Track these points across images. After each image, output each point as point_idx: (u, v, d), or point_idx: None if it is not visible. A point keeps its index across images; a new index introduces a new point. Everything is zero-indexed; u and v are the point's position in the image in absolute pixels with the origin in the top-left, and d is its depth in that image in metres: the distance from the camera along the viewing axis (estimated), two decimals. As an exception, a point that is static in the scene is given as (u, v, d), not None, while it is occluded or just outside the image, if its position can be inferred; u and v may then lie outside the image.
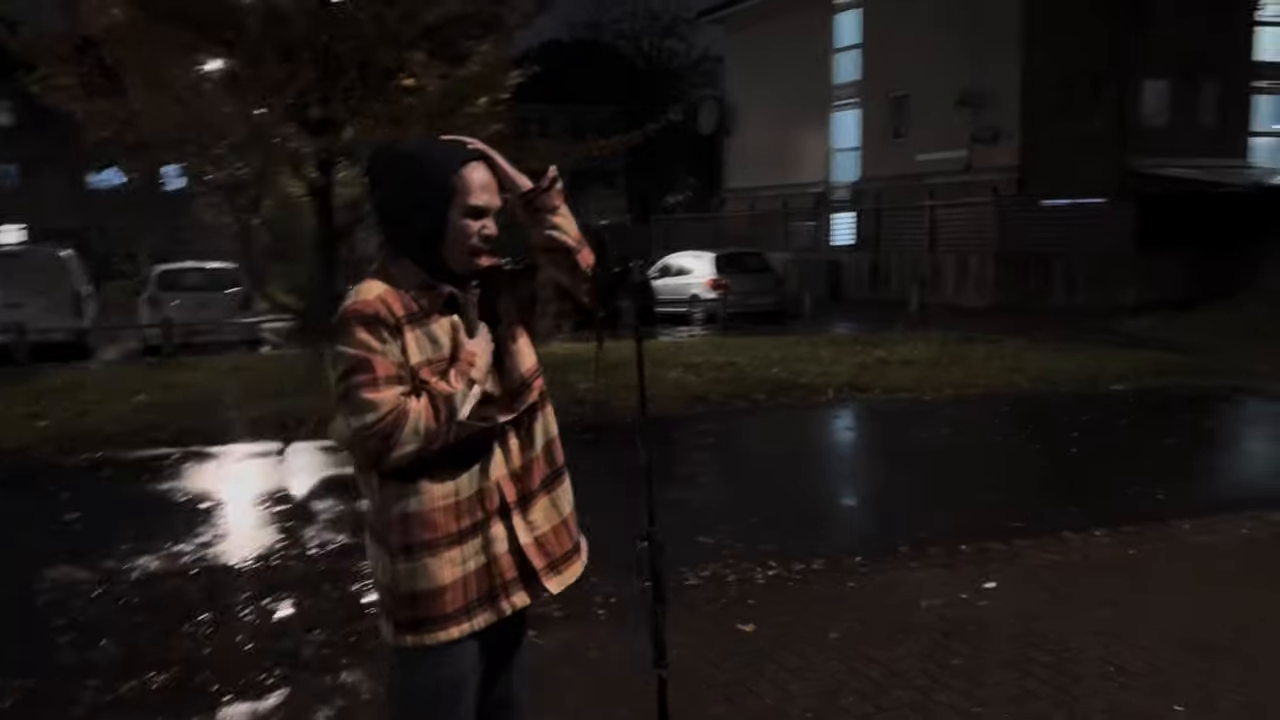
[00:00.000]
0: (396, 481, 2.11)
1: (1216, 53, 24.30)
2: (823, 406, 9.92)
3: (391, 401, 2.01)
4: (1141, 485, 6.93)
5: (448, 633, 2.13)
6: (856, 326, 18.09)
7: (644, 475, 2.42)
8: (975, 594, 4.73)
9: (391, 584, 2.14)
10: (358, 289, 2.11)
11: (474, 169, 2.14)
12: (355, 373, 2.02)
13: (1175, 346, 13.61)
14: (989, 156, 23.88)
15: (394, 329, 2.06)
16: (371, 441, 2.01)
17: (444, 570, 2.12)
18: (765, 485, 7.30)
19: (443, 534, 2.12)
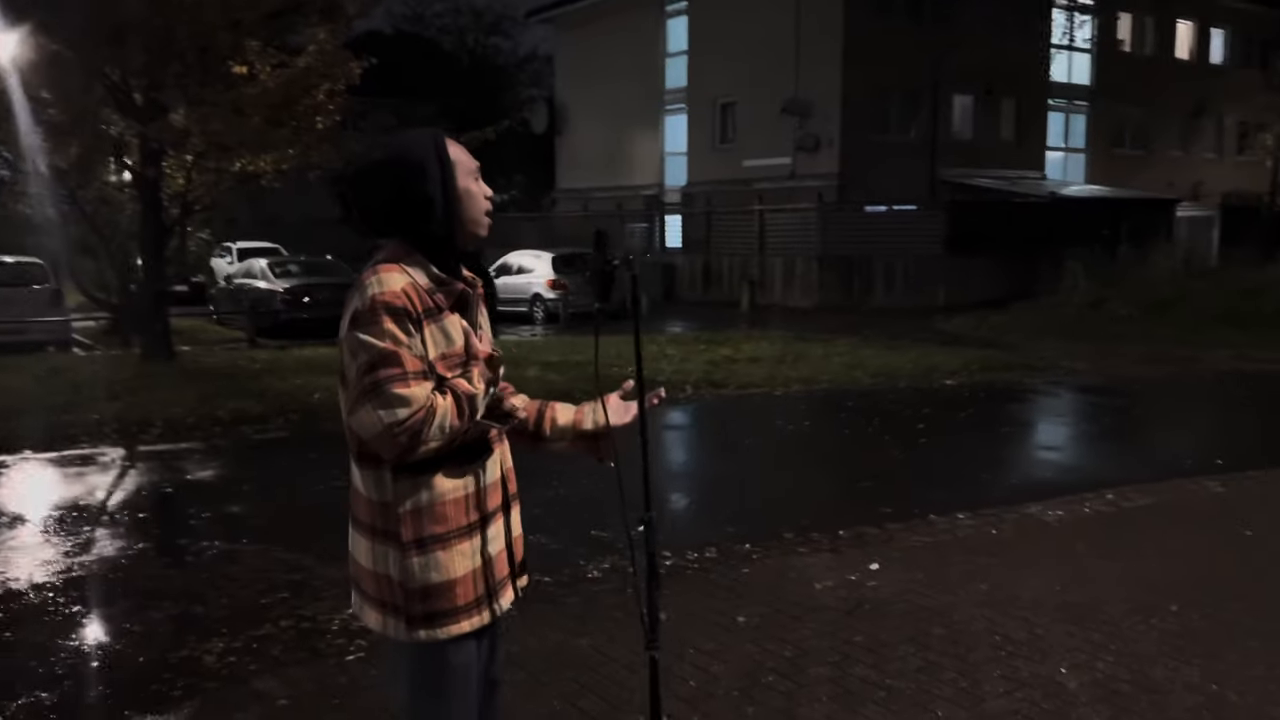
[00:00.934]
0: (409, 476, 2.10)
1: (1015, 72, 26.22)
2: (683, 402, 10.16)
3: (423, 397, 2.00)
4: (990, 471, 7.49)
5: (459, 626, 2.15)
6: (694, 326, 18.53)
7: (642, 460, 2.47)
8: (863, 575, 5.01)
9: (404, 578, 2.12)
10: (379, 278, 2.06)
11: (452, 141, 2.19)
12: (385, 365, 2.00)
13: (994, 344, 14.65)
14: (812, 164, 24.92)
15: (416, 322, 2.05)
16: (403, 437, 2.00)
17: (455, 563, 2.14)
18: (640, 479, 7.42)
19: (454, 527, 2.14)
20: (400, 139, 2.20)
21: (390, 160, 2.17)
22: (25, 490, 6.96)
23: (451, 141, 2.18)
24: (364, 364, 2.01)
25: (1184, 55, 32.17)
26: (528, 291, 20.72)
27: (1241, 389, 11.24)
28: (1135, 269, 18.04)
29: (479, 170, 2.21)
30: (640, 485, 2.45)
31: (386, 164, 2.17)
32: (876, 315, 19.68)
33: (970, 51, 24.48)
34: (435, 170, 2.13)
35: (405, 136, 2.21)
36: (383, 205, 2.17)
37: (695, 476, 7.89)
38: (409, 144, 2.17)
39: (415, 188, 2.13)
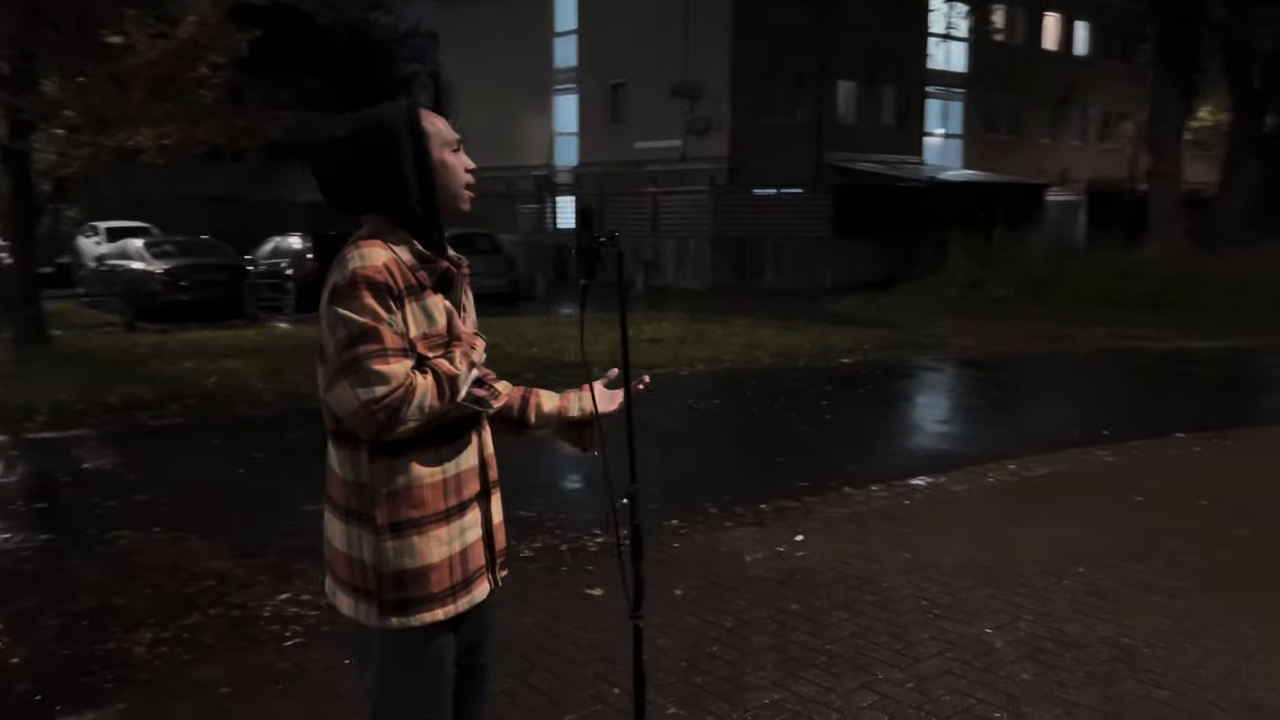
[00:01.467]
0: (387, 457, 2.04)
1: (897, 60, 26.99)
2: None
3: (402, 375, 1.95)
4: (895, 444, 7.76)
5: (433, 614, 2.10)
6: (589, 308, 18.49)
7: (628, 434, 2.50)
8: (790, 546, 5.15)
9: (377, 563, 2.06)
10: (362, 252, 2.00)
11: (428, 114, 2.15)
12: (364, 341, 1.94)
13: (883, 323, 15.11)
14: (703, 146, 25.17)
15: (397, 299, 2.00)
16: (381, 414, 1.94)
17: (431, 549, 2.09)
18: (559, 459, 7.44)
19: (431, 512, 2.09)
20: (371, 112, 2.14)
21: (359, 133, 2.11)
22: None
23: (428, 113, 2.14)
24: (342, 339, 1.96)
25: (1052, 46, 33.64)
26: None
27: (1118, 364, 11.89)
28: (1012, 250, 18.81)
29: (459, 142, 2.17)
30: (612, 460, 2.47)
31: (356, 137, 2.11)
32: (768, 296, 20.05)
33: (854, 38, 25.08)
34: (408, 143, 2.08)
35: (377, 109, 2.15)
36: (356, 181, 2.12)
37: (612, 457, 7.92)
38: (380, 116, 2.11)
39: (388, 161, 2.08)
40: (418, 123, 2.10)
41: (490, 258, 20.94)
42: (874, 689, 3.62)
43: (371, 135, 2.10)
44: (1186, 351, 12.84)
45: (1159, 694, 3.57)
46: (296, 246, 19.38)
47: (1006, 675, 3.72)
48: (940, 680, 3.68)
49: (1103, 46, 34.82)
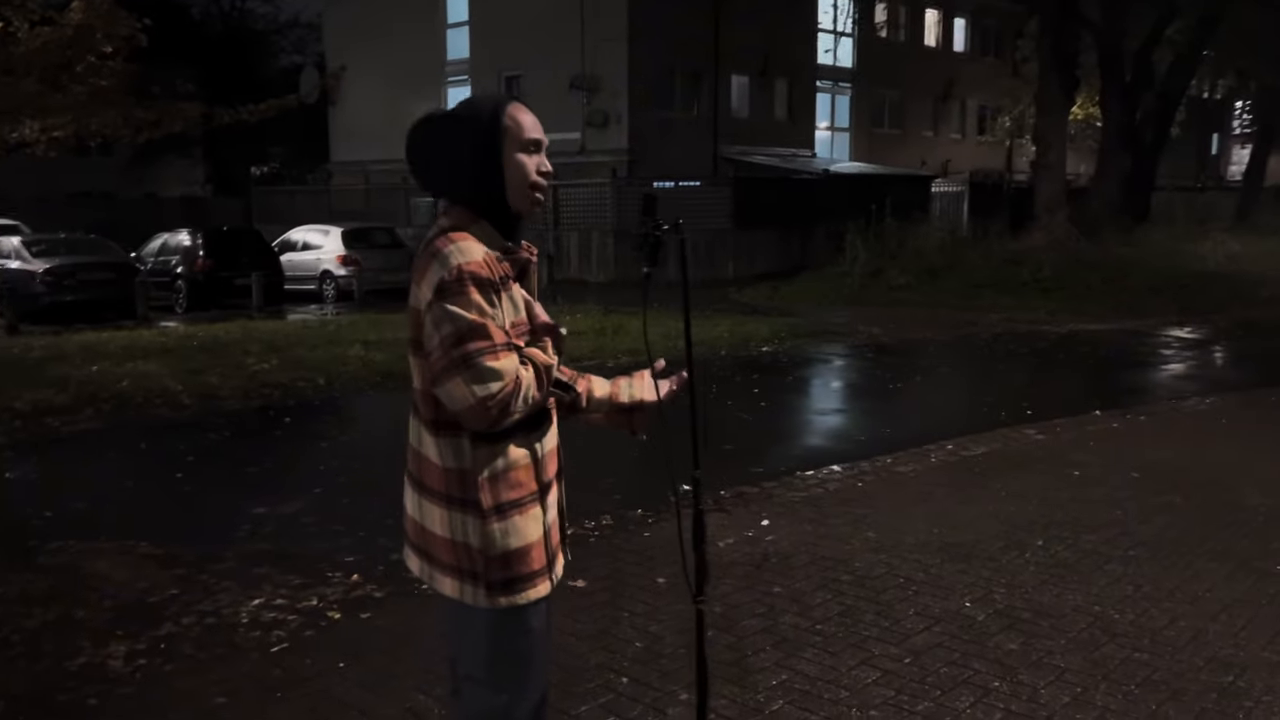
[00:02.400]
0: (487, 443, 2.09)
1: (787, 54, 27.49)
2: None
3: (513, 370, 2.00)
4: (833, 428, 7.94)
5: (537, 590, 2.17)
6: (497, 301, 18.36)
7: (693, 420, 2.51)
8: (758, 531, 5.23)
9: (484, 546, 2.11)
10: (459, 246, 2.02)
11: (518, 109, 2.16)
12: (474, 338, 1.97)
13: (791, 313, 15.40)
14: (602, 139, 25.18)
15: (497, 293, 2.03)
16: (495, 410, 1.99)
17: (530, 527, 2.15)
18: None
19: (527, 492, 2.15)
20: (464, 100, 2.20)
21: (439, 119, 2.16)
22: None
23: (518, 109, 2.15)
24: (450, 335, 1.98)
25: (932, 43, 34.78)
26: (316, 269, 19.88)
27: (1021, 347, 12.39)
28: (907, 240, 19.40)
29: (537, 144, 2.15)
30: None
31: (434, 122, 2.17)
32: (672, 288, 20.13)
33: (746, 34, 25.45)
34: (480, 136, 2.10)
35: (472, 99, 2.19)
36: (428, 165, 2.16)
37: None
38: (461, 106, 2.16)
39: (453, 149, 2.12)
40: (498, 117, 2.11)
41: (390, 252, 20.54)
42: (874, 665, 3.71)
43: (446, 123, 2.15)
44: (1080, 334, 13.48)
45: (1139, 656, 3.76)
46: (186, 243, 18.65)
47: (995, 645, 3.86)
48: (934, 653, 3.80)
49: (980, 44, 36.19)
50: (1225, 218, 23.93)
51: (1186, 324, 14.42)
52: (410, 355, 2.12)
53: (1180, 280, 16.91)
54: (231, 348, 10.77)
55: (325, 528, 5.35)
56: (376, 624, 4.13)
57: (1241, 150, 45.09)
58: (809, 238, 22.41)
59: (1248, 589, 4.40)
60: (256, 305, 17.32)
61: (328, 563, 4.79)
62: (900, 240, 19.65)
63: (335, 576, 4.62)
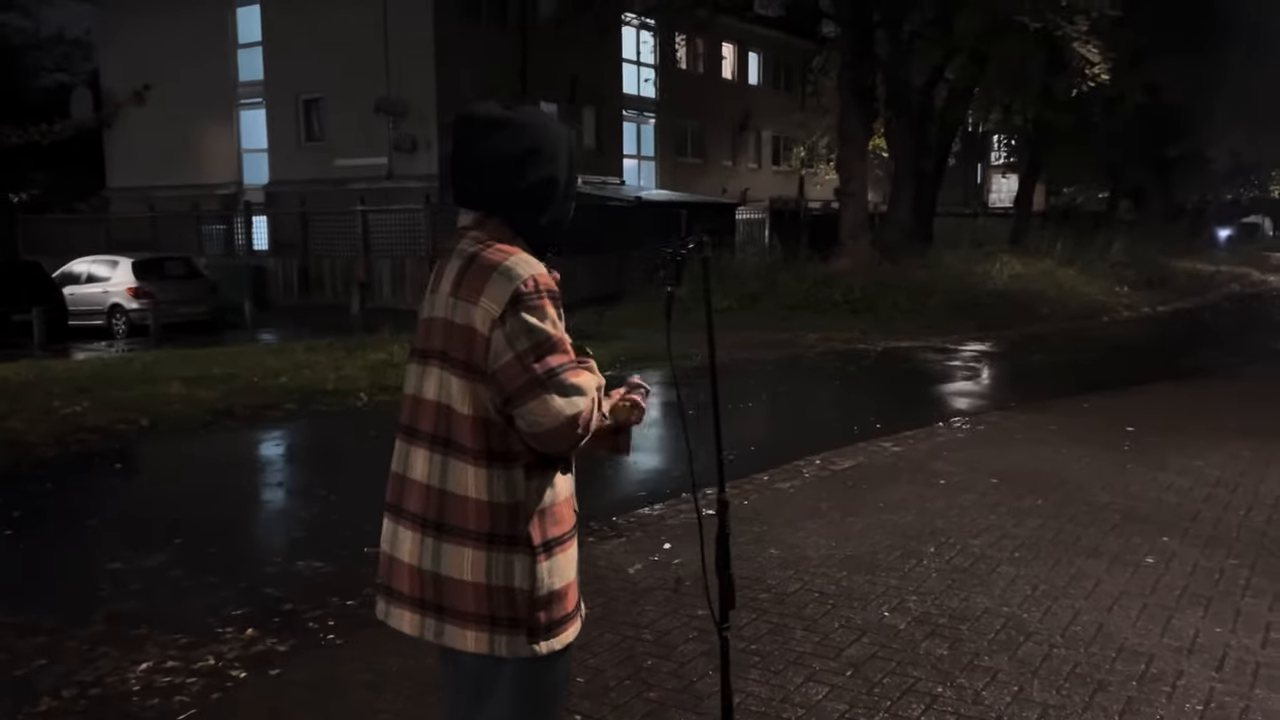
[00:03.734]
0: (539, 475, 1.97)
1: (594, 82, 27.81)
2: (367, 409, 9.63)
3: (593, 386, 1.94)
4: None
5: (574, 629, 2.08)
6: (309, 333, 17.51)
7: (716, 443, 2.43)
8: (662, 555, 5.18)
9: (532, 587, 1.96)
10: (524, 259, 1.92)
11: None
12: (556, 352, 1.88)
13: (621, 337, 15.48)
14: (411, 165, 24.61)
15: (561, 308, 1.97)
16: (581, 428, 1.89)
17: (569, 565, 2.06)
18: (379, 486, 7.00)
19: (568, 528, 2.06)
20: (541, 120, 2.04)
21: (530, 126, 2.02)
22: None
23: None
24: (529, 350, 1.85)
25: (729, 75, 36.08)
26: (104, 302, 18.41)
27: (847, 364, 12.94)
28: (724, 264, 19.94)
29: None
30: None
31: (526, 128, 2.01)
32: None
33: (553, 61, 25.58)
34: (565, 163, 2.05)
35: (547, 120, 2.06)
36: (488, 169, 2.00)
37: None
38: (553, 130, 2.04)
39: (546, 173, 2.01)
40: (574, 146, 2.08)
41: (186, 283, 19.33)
42: (819, 680, 3.74)
43: (542, 133, 2.01)
44: (896, 350, 14.23)
45: (1058, 652, 3.96)
46: None
47: (925, 652, 3.97)
48: (872, 664, 3.87)
49: (774, 78, 37.83)
50: (1000, 241, 25.94)
51: (986, 339, 15.49)
52: (445, 378, 1.95)
53: (975, 299, 18.17)
54: (29, 390, 9.76)
55: (199, 579, 4.90)
56: (290, 679, 3.81)
57: (1003, 179, 49.20)
58: (626, 263, 22.67)
59: (1128, 581, 4.72)
60: (39, 343, 15.82)
61: (214, 617, 4.39)
62: (716, 264, 20.14)
63: (227, 632, 4.23)
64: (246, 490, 6.90)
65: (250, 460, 8.05)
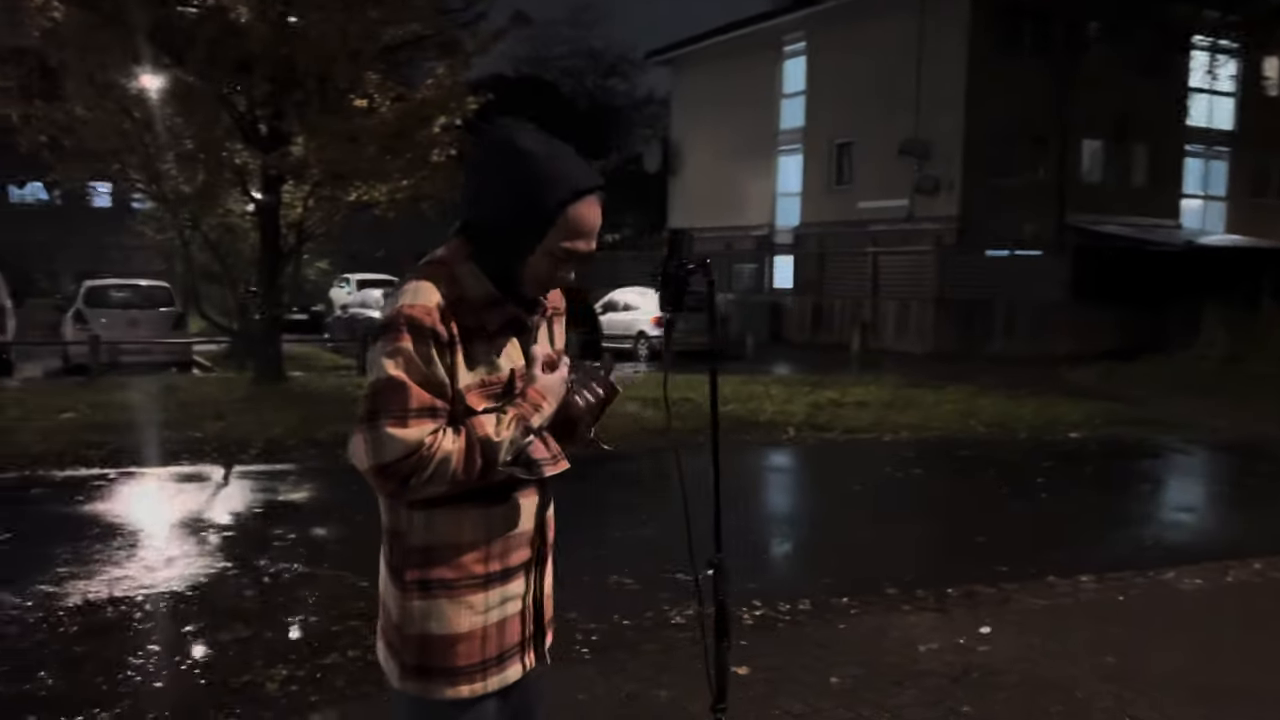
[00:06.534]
0: (425, 509, 1.83)
1: (1149, 116, 25.11)
2: (785, 444, 9.77)
3: (415, 441, 1.72)
4: (1118, 531, 6.91)
5: (456, 690, 1.87)
6: (799, 368, 18.11)
7: (714, 499, 2.19)
8: (972, 639, 4.57)
9: (401, 621, 1.87)
10: (416, 287, 1.79)
11: (589, 206, 1.85)
12: (385, 397, 1.73)
13: (1121, 397, 13.80)
14: (930, 206, 24.27)
15: (447, 345, 1.77)
16: (390, 483, 1.75)
17: (461, 617, 1.86)
18: (737, 522, 7.05)
19: (466, 575, 1.86)
20: (534, 152, 1.84)
21: (509, 154, 1.84)
22: (119, 505, 7.00)
23: (589, 210, 1.85)
24: (369, 387, 1.76)
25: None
26: (632, 329, 20.62)
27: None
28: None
29: (579, 258, 1.87)
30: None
31: (487, 155, 1.87)
32: (994, 363, 18.88)
33: (1101, 93, 23.57)
34: (531, 213, 1.81)
35: (553, 155, 1.85)
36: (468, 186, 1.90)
37: (794, 523, 7.51)
38: (543, 160, 1.82)
39: (489, 203, 1.85)
40: (560, 209, 1.81)
41: (701, 316, 20.85)
42: (1047, 820, 3.06)
43: (509, 162, 1.83)
44: None
45: None
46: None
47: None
48: (1133, 818, 3.07)
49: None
50: None
51: None
52: None
53: None
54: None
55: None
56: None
57: None
58: (1160, 317, 20.12)
59: None
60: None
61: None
62: (1272, 325, 17.09)
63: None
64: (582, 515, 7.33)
65: (640, 479, 8.54)
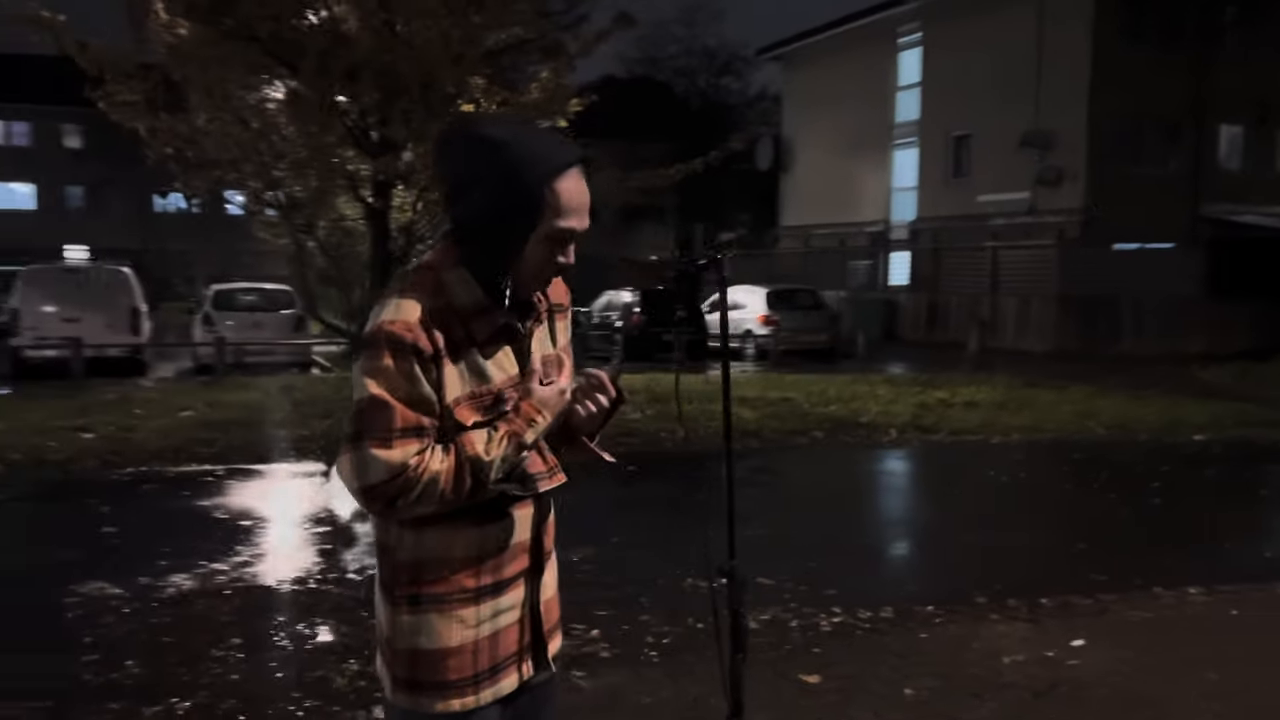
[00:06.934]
0: (414, 525, 1.79)
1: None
2: (886, 446, 9.52)
3: (399, 463, 1.68)
4: (1236, 541, 6.49)
5: (447, 703, 1.82)
6: (913, 367, 17.66)
7: (728, 506, 2.11)
8: (1063, 651, 4.34)
9: (391, 635, 1.84)
10: (398, 303, 1.72)
11: (571, 178, 1.75)
12: (369, 414, 1.69)
13: (1255, 398, 12.99)
14: (1052, 199, 23.37)
15: (431, 360, 1.71)
16: (376, 504, 1.71)
17: (449, 630, 1.81)
18: (827, 526, 6.94)
19: (456, 590, 1.80)
20: (518, 132, 1.77)
21: (480, 144, 1.75)
22: (223, 501, 7.25)
23: (572, 183, 1.75)
24: (353, 406, 1.72)
25: None
26: (739, 327, 20.43)
27: None
28: None
29: (573, 235, 1.77)
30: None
31: (473, 143, 1.76)
32: (1121, 361, 18.04)
33: (1239, 77, 22.29)
34: (512, 201, 1.72)
35: (524, 137, 1.76)
36: (448, 184, 1.84)
37: (885, 526, 7.29)
38: (515, 145, 1.73)
39: (467, 206, 1.76)
40: (539, 188, 1.72)
41: (810, 313, 20.64)
42: None
43: (483, 154, 1.75)
44: None
45: None
46: (625, 300, 20.16)
47: None
48: None
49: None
50: None
51: None
52: None
53: None
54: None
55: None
56: (581, 684, 3.98)
57: None
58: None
59: None
60: (677, 360, 18.20)
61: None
62: None
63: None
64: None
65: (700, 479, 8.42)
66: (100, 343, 15.25)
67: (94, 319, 15.46)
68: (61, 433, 9.07)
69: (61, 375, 13.80)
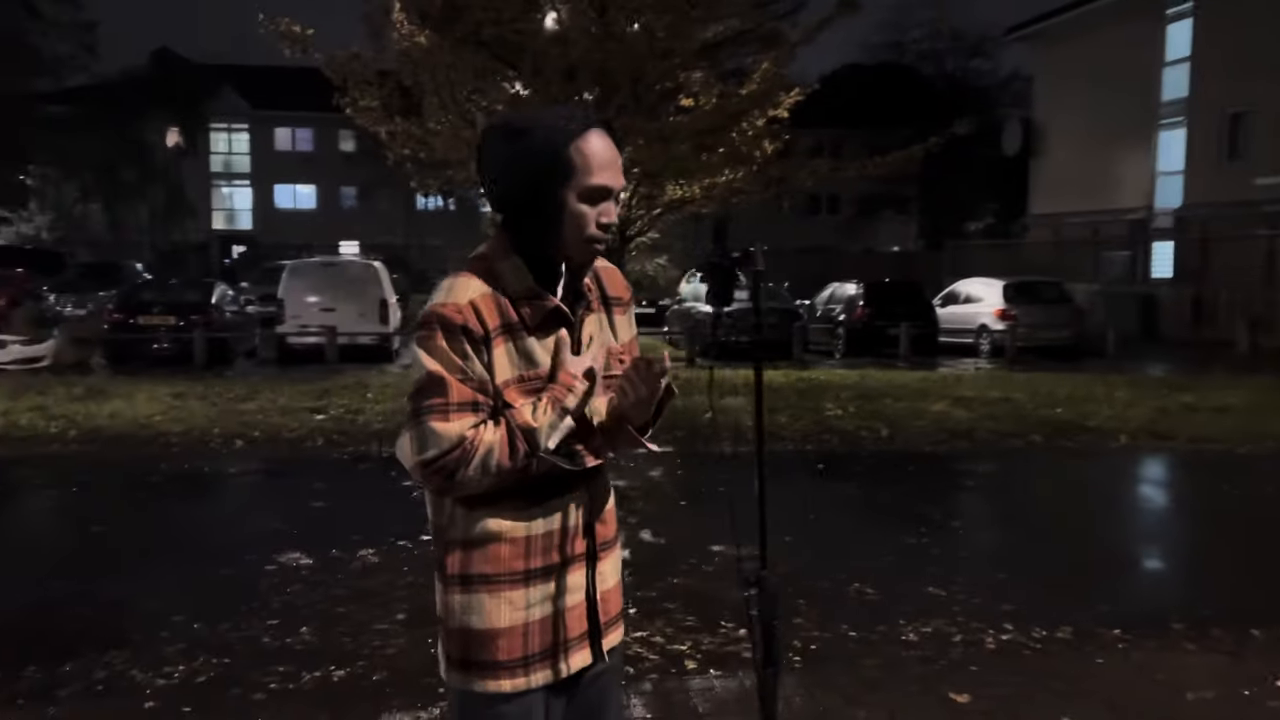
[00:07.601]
0: (466, 503, 1.86)
1: None
2: (1111, 454, 8.75)
3: (457, 435, 1.76)
4: None
5: (498, 683, 1.87)
6: (1168, 367, 16.21)
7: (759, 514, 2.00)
8: (1261, 690, 3.85)
9: (443, 614, 1.92)
10: (451, 285, 1.83)
11: (593, 138, 1.82)
12: (427, 393, 1.79)
13: None
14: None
15: (481, 341, 1.80)
16: (436, 477, 1.79)
17: (501, 611, 1.87)
18: (1024, 536, 6.49)
19: (505, 571, 1.86)
20: (520, 125, 1.85)
21: (499, 131, 1.88)
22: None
23: (595, 141, 1.81)
24: (411, 385, 1.84)
25: None
26: (974, 322, 19.46)
27: None
28: None
29: (605, 191, 1.82)
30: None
31: (496, 133, 1.89)
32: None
33: None
34: (537, 172, 1.80)
35: (540, 114, 1.86)
36: (485, 179, 1.91)
37: (1086, 539, 6.69)
38: (531, 124, 1.83)
39: (507, 174, 1.85)
40: (560, 151, 1.80)
41: (1052, 308, 19.32)
42: None
43: (502, 140, 1.85)
44: None
45: None
46: (850, 292, 19.69)
47: None
48: None
49: None
50: None
51: None
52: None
53: None
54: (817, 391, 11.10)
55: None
56: (718, 685, 3.92)
57: None
58: None
59: None
60: (903, 355, 17.59)
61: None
62: None
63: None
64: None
65: (923, 484, 8.01)
66: (352, 331, 16.60)
67: (347, 309, 16.81)
68: (300, 413, 9.93)
69: (318, 360, 15.12)
